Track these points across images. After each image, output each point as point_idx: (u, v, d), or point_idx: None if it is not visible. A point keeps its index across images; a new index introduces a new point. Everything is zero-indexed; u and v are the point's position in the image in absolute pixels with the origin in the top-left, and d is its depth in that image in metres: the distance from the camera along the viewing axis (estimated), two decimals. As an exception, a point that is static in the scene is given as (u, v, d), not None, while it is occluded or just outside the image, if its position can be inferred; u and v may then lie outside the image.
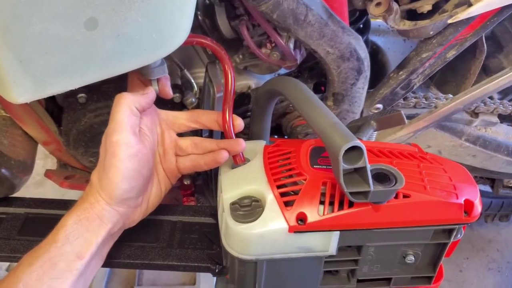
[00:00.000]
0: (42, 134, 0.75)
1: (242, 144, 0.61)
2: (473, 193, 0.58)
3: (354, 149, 0.48)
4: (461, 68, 0.98)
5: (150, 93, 0.58)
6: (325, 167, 0.58)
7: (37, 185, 1.59)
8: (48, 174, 0.81)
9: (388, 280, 0.63)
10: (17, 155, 0.70)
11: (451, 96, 0.96)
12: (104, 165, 0.54)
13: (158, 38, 0.50)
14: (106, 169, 0.54)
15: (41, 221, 0.69)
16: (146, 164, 0.56)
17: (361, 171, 0.50)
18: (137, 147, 0.54)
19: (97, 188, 0.55)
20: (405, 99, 0.90)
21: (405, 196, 0.54)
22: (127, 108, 0.55)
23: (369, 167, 0.49)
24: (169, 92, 0.62)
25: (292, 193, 0.56)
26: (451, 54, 0.76)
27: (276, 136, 0.88)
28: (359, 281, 0.62)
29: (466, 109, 0.94)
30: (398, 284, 0.63)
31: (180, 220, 0.70)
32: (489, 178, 1.26)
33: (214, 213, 0.71)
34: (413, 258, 0.60)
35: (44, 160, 1.55)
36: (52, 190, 0.86)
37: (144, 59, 0.53)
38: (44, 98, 0.73)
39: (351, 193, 0.51)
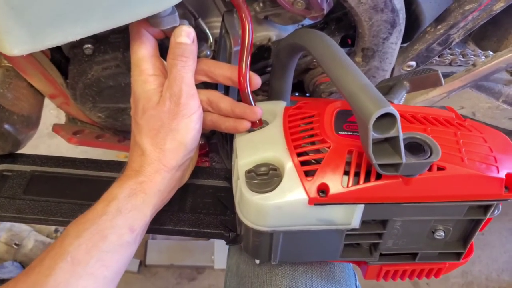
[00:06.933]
0: (48, 86, 0.70)
1: (258, 113, 0.57)
2: (516, 167, 0.52)
3: (386, 116, 0.43)
4: (504, 21, 0.89)
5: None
6: (351, 133, 0.52)
7: (51, 136, 1.57)
8: (56, 129, 0.77)
9: (414, 255, 0.59)
10: (20, 109, 0.65)
11: (491, 53, 0.88)
12: (171, 127, 0.52)
13: (168, -18, 0.44)
14: (173, 131, 0.53)
15: (47, 179, 0.66)
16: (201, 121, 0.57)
17: (392, 140, 0.45)
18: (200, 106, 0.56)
19: (157, 155, 0.53)
20: (440, 56, 0.82)
21: (439, 169, 0.49)
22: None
23: (402, 137, 0.44)
24: None
25: (313, 161, 0.51)
26: (499, 6, 0.67)
27: (297, 94, 0.82)
28: (382, 255, 0.58)
29: (508, 68, 0.86)
30: (424, 260, 0.59)
31: (192, 183, 0.66)
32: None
33: (228, 177, 0.67)
34: (443, 234, 0.55)
35: (57, 110, 1.52)
36: (65, 141, 0.82)
37: (153, 6, 0.47)
38: (50, 48, 0.68)
39: (380, 165, 0.46)
